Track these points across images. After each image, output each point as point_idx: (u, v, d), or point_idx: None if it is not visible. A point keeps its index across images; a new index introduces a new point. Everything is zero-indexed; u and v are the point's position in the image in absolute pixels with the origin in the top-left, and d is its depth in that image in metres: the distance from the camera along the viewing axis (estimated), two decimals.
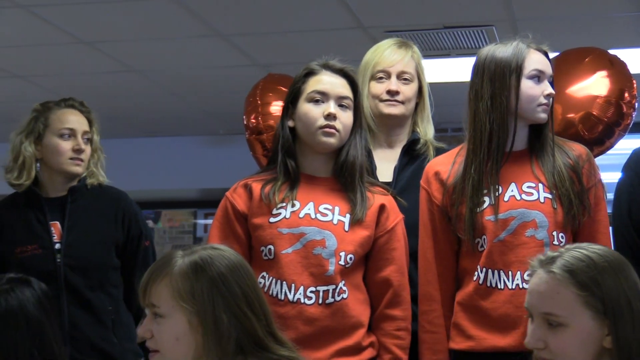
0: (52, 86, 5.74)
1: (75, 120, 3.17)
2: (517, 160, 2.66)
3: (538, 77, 2.63)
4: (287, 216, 2.60)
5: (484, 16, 4.55)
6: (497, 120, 2.62)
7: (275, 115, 3.80)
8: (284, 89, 3.57)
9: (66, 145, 3.12)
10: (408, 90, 2.98)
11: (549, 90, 2.62)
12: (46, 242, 3.09)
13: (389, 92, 2.95)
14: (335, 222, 2.61)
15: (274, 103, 3.90)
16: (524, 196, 2.62)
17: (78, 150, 3.11)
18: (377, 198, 2.68)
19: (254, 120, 3.94)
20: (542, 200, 2.61)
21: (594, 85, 3.73)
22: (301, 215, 2.61)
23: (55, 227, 3.12)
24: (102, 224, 3.16)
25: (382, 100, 2.96)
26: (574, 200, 2.59)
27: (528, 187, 2.63)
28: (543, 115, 2.62)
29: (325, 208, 2.63)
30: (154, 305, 1.97)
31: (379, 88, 2.96)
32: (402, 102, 2.97)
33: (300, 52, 4.88)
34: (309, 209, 2.63)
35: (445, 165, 2.71)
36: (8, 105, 6.27)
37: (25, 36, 4.77)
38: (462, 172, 2.65)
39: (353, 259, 2.59)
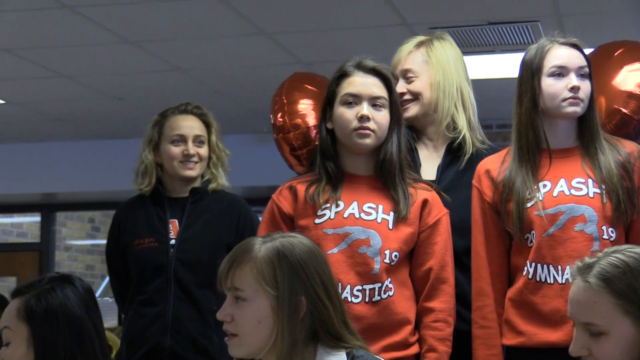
0: (99, 86, 5.80)
1: (185, 125, 3.35)
2: (568, 156, 2.68)
3: (560, 73, 2.63)
4: (332, 217, 2.63)
5: (529, 12, 4.52)
6: (523, 120, 2.68)
7: (301, 113, 3.80)
8: (310, 87, 3.58)
9: (176, 151, 3.28)
10: (413, 88, 2.94)
11: (573, 83, 2.62)
12: (163, 237, 3.26)
13: (401, 93, 2.90)
14: (379, 220, 2.63)
15: (301, 101, 3.91)
16: (573, 191, 2.62)
17: (187, 155, 3.28)
18: (420, 193, 2.69)
19: (280, 119, 3.95)
20: (591, 195, 2.61)
21: (623, 79, 3.71)
22: (345, 215, 2.63)
23: (174, 225, 3.29)
24: (216, 225, 3.29)
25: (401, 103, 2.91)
26: (622, 197, 2.59)
27: (577, 182, 2.64)
28: (570, 109, 2.63)
29: (369, 207, 2.65)
30: (237, 289, 2.01)
31: (399, 87, 2.90)
32: (411, 101, 2.94)
33: (344, 49, 4.85)
34: (353, 208, 2.65)
35: (496, 163, 2.74)
36: (55, 105, 6.35)
37: (71, 36, 4.82)
38: (509, 170, 2.67)
39: (398, 256, 2.61)
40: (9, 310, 2.13)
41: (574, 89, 2.61)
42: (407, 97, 2.93)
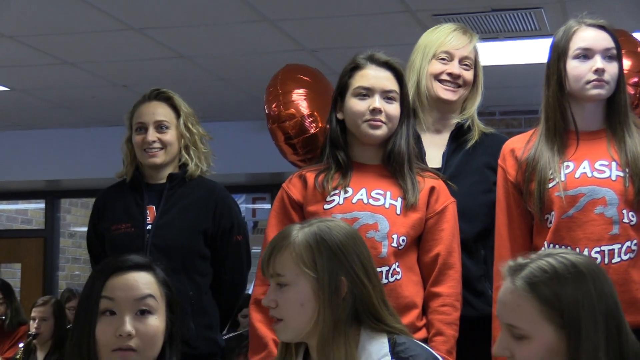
0: (103, 73, 5.80)
1: (145, 112, 3.31)
2: (594, 138, 2.67)
3: (585, 55, 2.62)
4: (341, 202, 2.65)
5: None
6: (551, 102, 2.66)
7: (295, 103, 3.82)
8: (303, 77, 3.59)
9: (138, 139, 3.27)
10: (468, 76, 2.98)
11: (597, 65, 2.61)
12: (139, 222, 3.24)
13: (450, 74, 2.94)
14: (387, 206, 2.64)
15: (295, 91, 3.93)
16: (595, 173, 2.62)
17: (146, 143, 3.24)
18: (428, 181, 2.71)
19: (275, 109, 3.97)
20: (613, 178, 2.60)
21: None
22: (354, 200, 2.65)
23: (151, 210, 3.27)
24: (193, 211, 3.27)
25: (440, 80, 2.96)
26: None
27: (601, 164, 2.63)
28: (594, 92, 2.62)
29: (377, 193, 2.67)
30: (278, 275, 2.06)
31: (440, 68, 2.96)
32: (460, 86, 2.97)
33: (347, 36, 4.88)
34: (362, 194, 2.66)
35: (521, 142, 2.75)
36: (59, 92, 6.36)
37: (76, 23, 4.81)
38: (533, 149, 2.68)
39: (405, 240, 2.62)
40: (149, 282, 2.12)
41: (598, 71, 2.60)
42: (459, 80, 2.95)
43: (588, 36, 2.64)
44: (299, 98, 3.62)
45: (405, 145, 2.70)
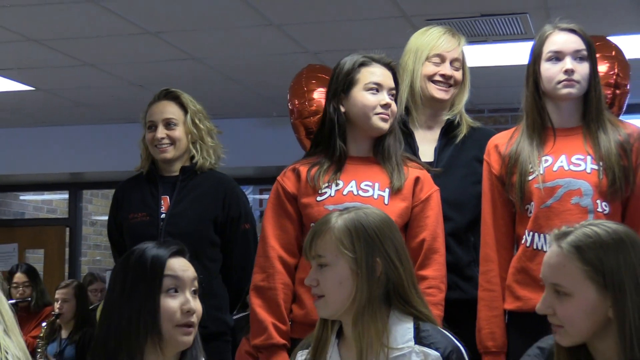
0: (121, 74, 5.80)
1: (155, 112, 3.33)
2: (570, 134, 2.67)
3: (556, 57, 2.63)
4: (332, 194, 2.65)
5: (518, 4, 4.50)
6: (529, 101, 2.68)
7: (317, 100, 3.82)
8: (325, 76, 3.59)
9: (149, 136, 3.29)
10: (458, 76, 2.98)
11: (567, 66, 2.61)
12: (154, 211, 3.26)
13: (443, 75, 2.94)
14: (375, 196, 2.64)
15: (318, 89, 3.93)
16: (571, 167, 2.62)
17: (156, 139, 3.26)
18: (412, 172, 2.71)
19: (298, 105, 3.97)
20: (588, 171, 2.60)
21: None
22: (345, 192, 2.65)
23: (165, 201, 3.28)
24: (204, 201, 3.27)
25: (433, 81, 2.95)
26: (618, 174, 2.59)
27: (577, 158, 2.63)
28: (565, 91, 2.63)
29: (366, 184, 2.67)
30: (319, 256, 2.10)
31: (433, 70, 2.95)
32: (451, 86, 2.98)
33: (347, 39, 4.87)
34: (352, 186, 2.66)
35: (504, 139, 2.75)
36: (81, 91, 6.35)
37: (96, 28, 4.80)
38: (515, 145, 2.68)
39: None
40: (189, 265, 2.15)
41: (568, 72, 2.61)
42: (450, 81, 2.95)
43: (559, 39, 2.66)
44: (321, 96, 3.62)
45: (394, 137, 2.72)
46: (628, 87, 3.60)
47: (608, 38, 3.88)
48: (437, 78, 2.94)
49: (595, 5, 4.51)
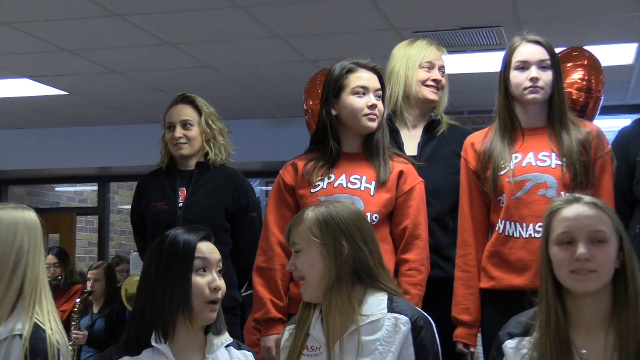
0: (144, 80, 5.79)
1: (174, 114, 3.33)
2: (537, 134, 2.67)
3: (522, 66, 2.63)
4: (324, 187, 2.65)
5: (494, 19, 4.49)
6: (500, 104, 2.69)
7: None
8: None
9: (169, 136, 3.30)
10: (444, 80, 3.02)
11: (532, 74, 2.62)
12: (172, 201, 3.27)
13: (434, 80, 2.97)
14: (362, 189, 2.63)
15: None
16: (538, 162, 2.62)
17: (175, 139, 3.27)
18: (397, 165, 2.70)
19: (312, 106, 3.94)
20: (553, 166, 2.61)
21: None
22: (335, 185, 2.65)
23: (182, 192, 3.29)
24: (216, 192, 3.28)
25: (426, 86, 2.96)
26: (579, 169, 2.59)
27: (543, 155, 2.63)
28: (530, 96, 2.64)
29: (355, 178, 2.66)
30: (295, 244, 2.16)
31: (425, 75, 2.96)
32: (439, 89, 3.00)
33: (343, 49, 4.84)
34: (342, 179, 2.65)
35: (479, 137, 2.75)
36: (109, 95, 6.35)
37: (122, 39, 4.80)
38: (489, 143, 2.68)
39: (378, 217, 2.61)
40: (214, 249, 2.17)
41: (533, 80, 2.61)
42: (438, 85, 2.97)
43: (526, 50, 2.66)
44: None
45: (382, 134, 2.70)
46: (602, 91, 3.58)
47: (585, 47, 3.87)
48: (429, 83, 2.97)
49: (562, 19, 4.50)
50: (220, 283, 2.11)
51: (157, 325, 2.06)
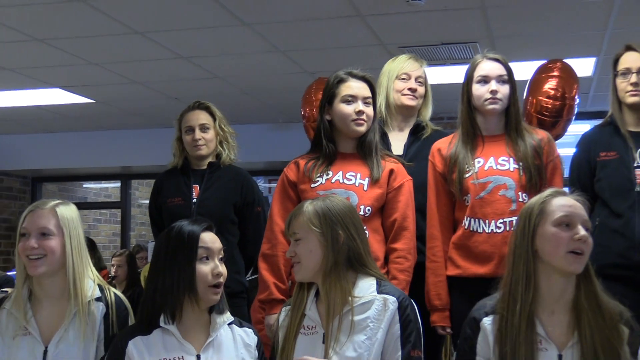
0: (162, 89, 5.78)
1: (192, 118, 3.30)
2: (496, 141, 2.65)
3: (484, 80, 2.62)
4: (323, 182, 2.63)
5: (470, 36, 4.50)
6: (463, 114, 2.68)
7: None
8: None
9: (188, 138, 3.26)
10: (421, 89, 2.99)
11: (492, 87, 2.61)
12: (187, 197, 3.23)
13: (410, 89, 2.95)
14: (357, 184, 2.61)
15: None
16: (498, 166, 2.60)
17: (195, 140, 3.24)
18: (388, 165, 2.68)
19: (309, 111, 3.93)
20: (511, 169, 2.59)
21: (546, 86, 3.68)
22: (333, 180, 2.62)
23: (195, 189, 3.25)
24: (226, 189, 3.25)
25: (403, 94, 2.96)
26: (534, 172, 2.58)
27: (502, 160, 2.61)
28: (490, 107, 2.63)
29: (350, 174, 2.64)
30: (295, 233, 2.13)
31: (402, 85, 2.95)
32: (416, 97, 2.98)
33: (337, 62, 4.81)
34: (339, 176, 2.63)
35: (445, 143, 2.73)
36: (130, 103, 6.34)
37: (141, 54, 4.79)
38: (454, 148, 2.66)
39: (370, 210, 2.59)
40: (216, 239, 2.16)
41: (493, 92, 2.60)
42: (415, 93, 2.96)
43: (486, 67, 2.64)
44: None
45: (373, 136, 2.67)
46: (575, 99, 3.56)
47: (563, 60, 3.87)
48: (406, 92, 2.95)
49: (528, 35, 4.50)
50: (222, 269, 2.10)
51: (165, 308, 2.05)
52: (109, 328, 2.21)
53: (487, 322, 2.00)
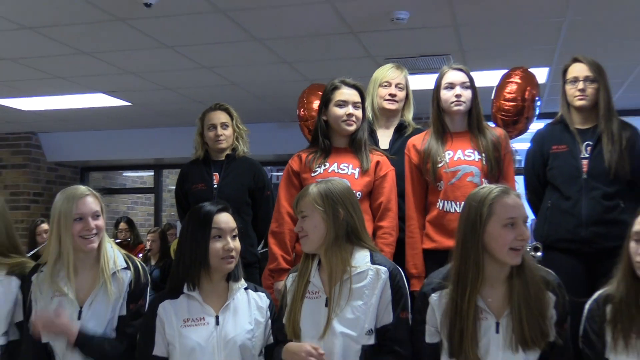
0: (188, 94, 5.75)
1: (214, 117, 3.31)
2: (462, 137, 2.66)
3: (450, 86, 2.63)
4: (321, 172, 2.65)
5: (445, 49, 4.47)
6: (433, 115, 2.69)
7: (314, 109, 3.75)
8: (319, 92, 3.56)
9: (211, 134, 3.25)
10: (401, 94, 2.96)
11: (457, 92, 2.62)
12: (209, 183, 3.23)
13: (390, 94, 2.94)
14: (349, 173, 2.62)
15: (315, 102, 3.87)
16: (465, 157, 2.61)
17: (217, 136, 3.23)
18: (375, 157, 2.69)
19: (302, 113, 3.91)
20: (476, 160, 2.60)
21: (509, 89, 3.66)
22: (329, 170, 2.64)
23: (216, 176, 3.25)
24: (242, 177, 3.25)
25: (385, 99, 2.94)
26: (493, 162, 2.60)
27: (468, 152, 2.62)
28: (455, 108, 2.64)
29: (344, 165, 2.65)
30: (302, 211, 2.10)
31: (384, 92, 2.94)
32: (397, 101, 2.95)
33: (333, 72, 4.82)
34: (334, 166, 2.65)
35: (419, 140, 2.73)
36: (162, 105, 6.31)
37: (170, 65, 4.76)
38: (427, 144, 2.66)
39: (361, 194, 2.60)
40: (233, 218, 2.13)
41: (457, 96, 2.61)
42: (395, 98, 2.93)
43: (452, 75, 2.66)
44: (317, 107, 3.59)
45: (363, 134, 2.67)
46: (532, 101, 3.54)
47: (524, 68, 3.85)
48: (387, 97, 2.93)
49: (493, 48, 4.48)
50: (233, 244, 2.09)
51: (187, 278, 2.06)
52: (132, 291, 2.22)
53: (434, 297, 1.99)
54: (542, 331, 1.86)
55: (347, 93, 2.65)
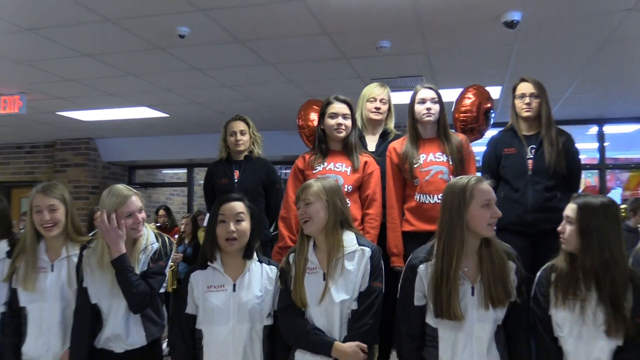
0: (213, 107, 5.74)
1: (235, 125, 3.30)
2: (432, 142, 2.66)
3: (422, 101, 2.63)
4: (320, 169, 2.65)
5: (418, 70, 4.46)
6: (409, 124, 2.68)
7: (311, 120, 3.74)
8: (315, 106, 3.54)
9: (232, 140, 3.24)
10: (384, 107, 2.95)
11: (428, 106, 2.62)
12: (231, 179, 3.21)
13: (375, 107, 2.93)
14: (343, 171, 2.63)
15: (311, 113, 3.85)
16: (436, 159, 2.61)
17: (237, 141, 3.22)
18: (363, 158, 2.69)
19: (300, 123, 3.90)
20: (444, 160, 2.60)
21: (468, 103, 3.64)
22: (327, 168, 2.65)
23: (236, 173, 3.24)
24: (257, 173, 3.24)
25: (371, 112, 2.94)
26: (457, 162, 2.60)
27: (438, 154, 2.63)
28: (426, 119, 2.65)
29: (338, 164, 2.66)
30: (307, 199, 2.08)
31: (371, 106, 2.93)
32: (382, 113, 2.95)
33: (330, 89, 4.80)
34: (331, 165, 2.65)
35: (398, 144, 2.72)
36: (195, 116, 6.29)
37: (198, 84, 4.76)
38: (405, 148, 2.66)
39: (352, 188, 2.61)
40: (240, 206, 2.11)
41: (428, 109, 2.61)
42: (380, 110, 2.91)
43: (423, 92, 2.66)
44: (314, 117, 3.58)
45: (353, 139, 2.68)
46: (485, 111, 3.51)
47: (478, 85, 3.82)
48: (373, 110, 2.92)
49: (459, 70, 4.47)
50: (234, 228, 2.08)
51: (207, 253, 2.10)
52: (155, 254, 2.23)
53: (422, 268, 1.99)
54: (506, 292, 1.90)
55: (337, 107, 2.67)
